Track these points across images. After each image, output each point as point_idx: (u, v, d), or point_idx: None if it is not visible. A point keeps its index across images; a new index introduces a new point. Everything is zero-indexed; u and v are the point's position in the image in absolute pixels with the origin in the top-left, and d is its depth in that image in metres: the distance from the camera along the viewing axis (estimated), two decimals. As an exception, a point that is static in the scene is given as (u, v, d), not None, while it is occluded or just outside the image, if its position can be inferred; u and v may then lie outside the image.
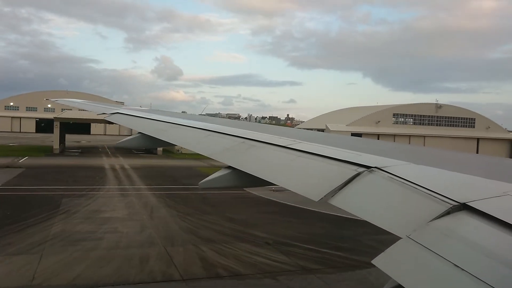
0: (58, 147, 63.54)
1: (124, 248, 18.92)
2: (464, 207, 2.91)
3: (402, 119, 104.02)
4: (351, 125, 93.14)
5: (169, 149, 70.49)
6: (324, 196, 3.82)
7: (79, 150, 68.91)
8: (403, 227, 2.94)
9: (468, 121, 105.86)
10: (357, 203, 3.64)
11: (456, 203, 2.95)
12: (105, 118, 13.30)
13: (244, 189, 34.12)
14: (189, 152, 64.95)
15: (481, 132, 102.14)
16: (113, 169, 46.86)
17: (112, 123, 12.88)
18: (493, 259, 2.39)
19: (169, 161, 58.26)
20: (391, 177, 3.69)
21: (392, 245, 2.81)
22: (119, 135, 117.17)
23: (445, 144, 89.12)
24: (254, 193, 33.00)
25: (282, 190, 27.16)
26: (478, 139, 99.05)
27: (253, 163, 5.60)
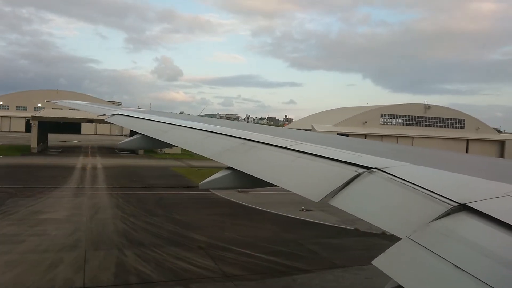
0: (36, 146, 62.23)
1: (40, 252, 17.59)
2: (464, 208, 2.91)
3: (390, 119, 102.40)
4: (337, 125, 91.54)
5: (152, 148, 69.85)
6: (324, 197, 3.83)
7: (60, 150, 67.75)
8: (403, 228, 2.95)
9: (458, 122, 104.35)
10: (357, 204, 3.65)
11: (456, 204, 2.95)
12: (105, 119, 13.31)
13: (210, 190, 33.00)
14: (172, 152, 64.96)
15: (471, 133, 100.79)
16: (83, 168, 45.60)
17: (110, 123, 12.88)
18: (493, 260, 2.39)
19: (147, 161, 57.40)
20: (391, 178, 3.69)
21: (393, 246, 2.81)
22: (110, 134, 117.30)
23: (434, 145, 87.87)
24: (218, 194, 32.05)
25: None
26: (467, 140, 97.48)
27: (253, 164, 5.61)
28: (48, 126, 70.89)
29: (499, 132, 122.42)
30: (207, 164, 54.41)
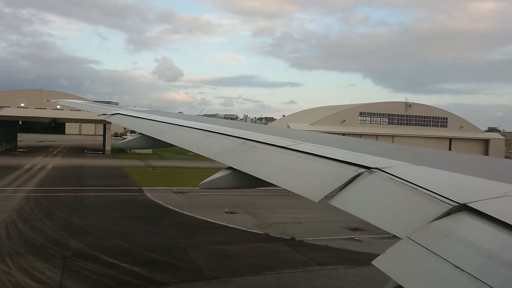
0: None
1: None
2: (464, 208, 2.91)
3: (370, 118, 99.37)
4: (314, 124, 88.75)
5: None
6: (325, 197, 3.83)
7: (26, 150, 65.95)
8: (403, 228, 2.95)
9: (440, 120, 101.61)
10: (357, 204, 3.65)
11: (456, 204, 2.95)
12: (105, 119, 13.32)
13: (145, 192, 32.83)
14: (143, 152, 64.52)
15: (454, 131, 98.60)
16: (29, 169, 43.77)
17: (109, 122, 12.89)
18: (493, 260, 2.39)
19: (106, 161, 55.86)
20: (391, 178, 3.69)
21: (393, 246, 2.81)
22: (95, 134, 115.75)
23: (416, 144, 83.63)
24: (148, 195, 31.74)
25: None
26: (450, 139, 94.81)
27: (253, 164, 5.61)
28: (17, 126, 69.91)
29: (498, 131, 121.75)
30: (172, 165, 53.87)
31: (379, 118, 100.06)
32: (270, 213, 28.07)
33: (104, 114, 13.63)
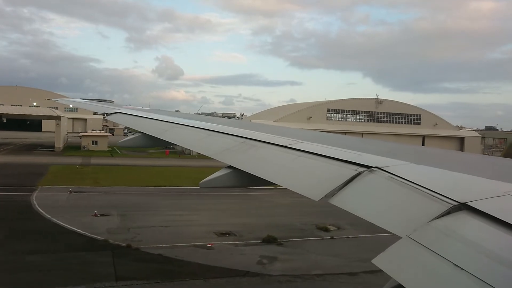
0: None
1: None
2: (464, 207, 2.91)
3: (339, 114, 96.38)
4: (279, 121, 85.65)
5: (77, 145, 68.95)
6: (325, 196, 3.83)
7: None
8: (403, 227, 2.95)
9: (413, 117, 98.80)
10: (358, 203, 3.65)
11: (456, 203, 2.95)
12: (106, 118, 13.32)
13: (35, 192, 31.06)
14: (98, 150, 64.25)
15: (428, 129, 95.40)
16: None
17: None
18: (493, 259, 2.39)
19: (43, 158, 54.09)
20: (391, 177, 3.69)
21: (393, 245, 2.81)
22: (72, 132, 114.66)
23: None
24: (35, 195, 30.38)
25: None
26: (423, 137, 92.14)
27: (253, 163, 5.61)
28: None
29: (495, 130, 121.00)
30: (113, 162, 52.36)
31: (349, 115, 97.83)
32: (149, 215, 26.45)
33: (105, 113, 13.65)
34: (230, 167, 5.72)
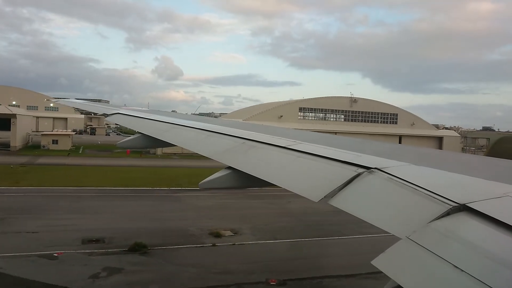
0: None
1: None
2: (464, 208, 2.91)
3: (312, 113, 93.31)
4: (248, 119, 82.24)
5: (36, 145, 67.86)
6: (324, 197, 3.83)
7: None
8: (402, 228, 2.94)
9: (390, 116, 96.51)
10: (357, 204, 3.64)
11: (456, 204, 2.95)
12: (105, 119, 13.32)
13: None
14: (59, 149, 63.33)
15: (405, 128, 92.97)
16: None
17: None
18: (493, 260, 2.38)
19: None
20: (390, 178, 3.69)
21: (392, 246, 2.81)
22: (52, 131, 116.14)
23: None
24: None
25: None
26: (400, 136, 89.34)
27: (253, 163, 5.61)
28: None
29: (492, 130, 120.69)
30: (63, 162, 49.97)
31: (322, 114, 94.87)
32: (30, 219, 24.25)
33: (105, 114, 13.64)
34: (229, 168, 5.72)
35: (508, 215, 2.68)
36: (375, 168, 3.98)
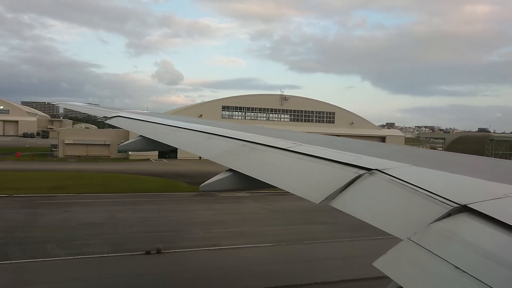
0: None
1: None
2: (464, 209, 2.91)
3: (237, 112, 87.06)
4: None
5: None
6: (325, 198, 3.83)
7: None
8: (404, 229, 2.95)
9: (326, 115, 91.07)
10: (358, 206, 3.65)
11: (457, 205, 2.95)
12: (105, 122, 13.33)
13: None
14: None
15: (343, 128, 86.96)
16: None
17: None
18: (494, 261, 2.38)
19: None
20: (391, 179, 3.69)
21: (393, 247, 2.81)
22: (3, 135, 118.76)
23: None
24: None
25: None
26: (337, 136, 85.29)
27: (253, 166, 5.61)
28: None
29: (488, 132, 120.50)
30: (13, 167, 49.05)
31: (249, 113, 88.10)
32: None
33: (105, 117, 13.65)
34: (230, 170, 5.72)
35: (509, 216, 2.68)
36: (375, 169, 3.98)
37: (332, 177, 4.21)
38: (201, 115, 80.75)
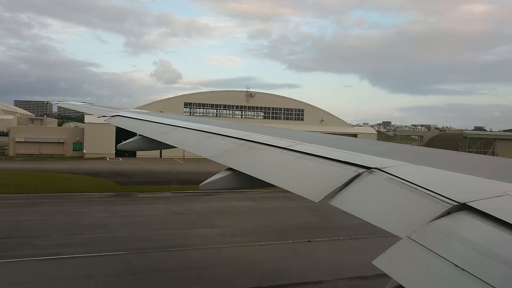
0: None
1: None
2: (464, 207, 2.91)
3: (200, 109, 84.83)
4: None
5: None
6: (324, 197, 3.83)
7: None
8: (403, 228, 2.95)
9: (295, 112, 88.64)
10: (357, 204, 3.65)
11: (456, 203, 2.95)
12: (105, 121, 13.32)
13: None
14: None
15: (312, 125, 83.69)
16: None
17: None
18: (493, 259, 2.38)
19: None
20: (391, 178, 3.69)
21: (393, 246, 2.81)
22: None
23: None
24: None
25: None
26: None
27: (253, 164, 5.61)
28: None
29: (484, 130, 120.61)
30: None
31: (212, 110, 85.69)
32: None
33: (104, 116, 13.63)
34: (229, 169, 5.72)
35: (509, 214, 2.68)
36: (375, 168, 3.98)
37: (331, 175, 4.21)
38: (161, 112, 78.94)
